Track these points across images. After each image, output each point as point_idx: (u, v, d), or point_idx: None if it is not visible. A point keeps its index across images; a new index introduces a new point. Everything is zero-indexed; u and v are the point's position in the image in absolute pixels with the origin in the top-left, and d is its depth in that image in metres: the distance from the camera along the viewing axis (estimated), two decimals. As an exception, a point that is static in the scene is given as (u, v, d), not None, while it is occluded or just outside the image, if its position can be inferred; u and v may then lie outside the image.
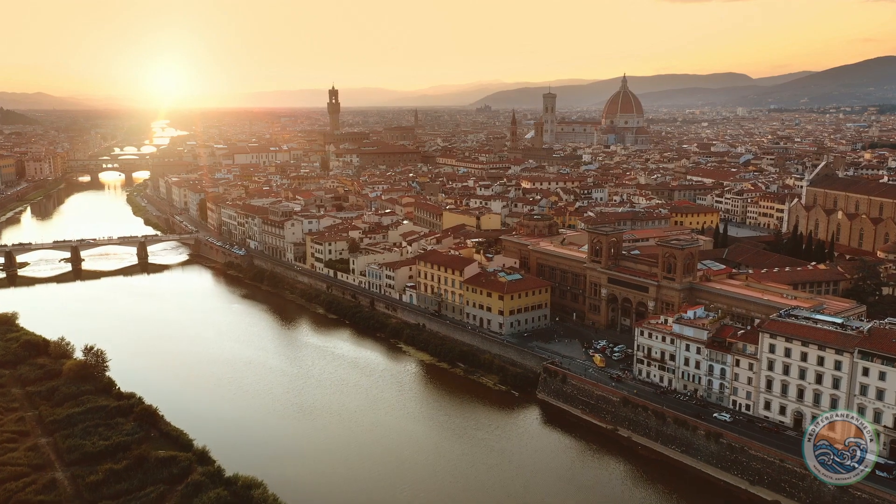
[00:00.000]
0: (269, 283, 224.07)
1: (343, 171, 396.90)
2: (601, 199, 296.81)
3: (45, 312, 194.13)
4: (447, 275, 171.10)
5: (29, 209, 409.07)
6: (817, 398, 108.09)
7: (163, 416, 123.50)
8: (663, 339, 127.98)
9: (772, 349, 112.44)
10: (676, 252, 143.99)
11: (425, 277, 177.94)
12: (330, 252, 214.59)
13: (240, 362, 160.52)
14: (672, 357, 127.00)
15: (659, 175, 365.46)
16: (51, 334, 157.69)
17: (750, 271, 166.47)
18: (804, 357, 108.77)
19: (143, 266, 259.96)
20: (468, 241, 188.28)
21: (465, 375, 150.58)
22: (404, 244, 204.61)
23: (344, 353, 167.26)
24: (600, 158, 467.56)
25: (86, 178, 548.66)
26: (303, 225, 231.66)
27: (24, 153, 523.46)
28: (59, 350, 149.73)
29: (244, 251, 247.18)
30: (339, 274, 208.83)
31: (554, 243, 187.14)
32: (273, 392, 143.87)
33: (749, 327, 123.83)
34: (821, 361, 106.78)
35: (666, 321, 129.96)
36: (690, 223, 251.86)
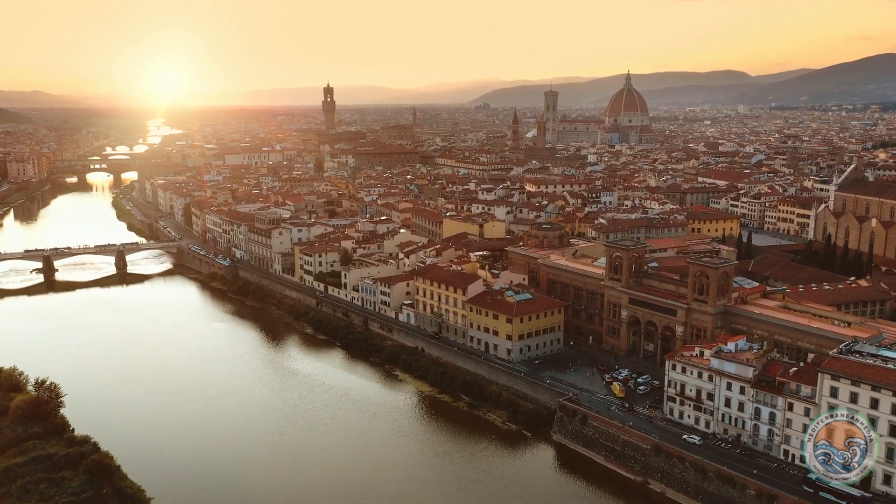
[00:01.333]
0: (255, 297, 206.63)
1: (338, 173, 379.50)
2: (610, 203, 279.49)
3: (3, 333, 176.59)
4: (448, 293, 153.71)
5: (12, 212, 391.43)
6: (891, 454, 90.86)
7: (119, 466, 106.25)
8: (699, 376, 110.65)
9: (834, 393, 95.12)
10: (710, 271, 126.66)
11: (424, 295, 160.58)
12: (320, 264, 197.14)
13: (218, 393, 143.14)
14: (710, 396, 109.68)
15: (669, 177, 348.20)
16: (4, 359, 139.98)
17: (785, 289, 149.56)
18: (875, 404, 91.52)
19: (122, 277, 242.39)
20: (471, 255, 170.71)
21: (469, 410, 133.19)
22: (401, 256, 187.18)
23: (334, 382, 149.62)
24: (606, 159, 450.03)
25: (73, 180, 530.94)
26: (291, 234, 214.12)
27: (6, 153, 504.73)
28: (11, 381, 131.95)
29: (229, 261, 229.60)
30: (329, 288, 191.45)
31: (566, 256, 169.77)
32: (254, 433, 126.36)
33: (801, 363, 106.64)
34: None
35: (702, 353, 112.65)
36: (708, 231, 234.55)
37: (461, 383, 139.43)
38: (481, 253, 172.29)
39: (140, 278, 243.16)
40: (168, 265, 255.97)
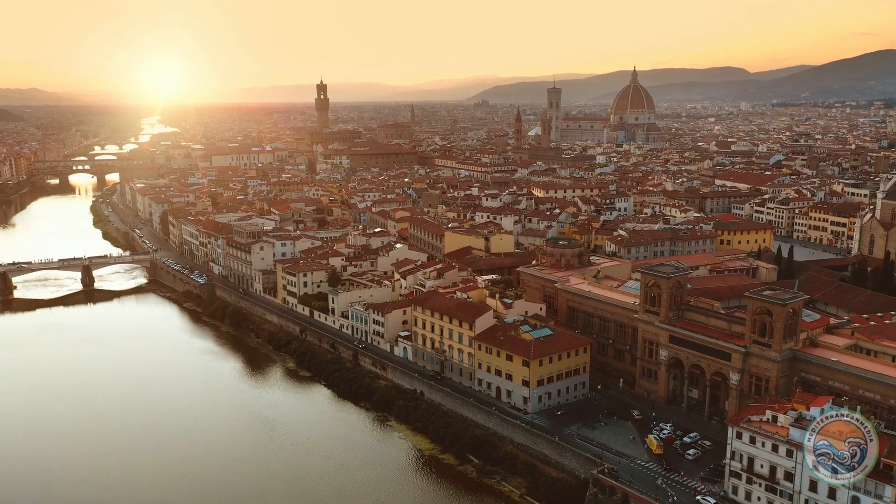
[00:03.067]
0: (232, 321, 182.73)
1: (331, 175, 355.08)
2: (626, 210, 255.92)
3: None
4: (452, 327, 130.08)
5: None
6: None
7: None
8: (774, 449, 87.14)
9: (968, 487, 71.73)
10: (775, 308, 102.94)
11: (424, 327, 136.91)
12: (305, 285, 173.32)
13: (179, 451, 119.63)
14: (789, 476, 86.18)
15: (684, 179, 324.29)
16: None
17: (847, 320, 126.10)
18: None
19: (88, 294, 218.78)
20: (478, 279, 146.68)
21: (478, 478, 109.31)
22: (397, 276, 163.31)
23: (318, 436, 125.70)
24: (615, 159, 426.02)
25: (54, 181, 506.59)
26: (274, 248, 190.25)
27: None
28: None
29: (205, 278, 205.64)
30: (316, 313, 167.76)
31: (588, 279, 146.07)
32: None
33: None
34: None
35: (775, 419, 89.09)
36: (739, 242, 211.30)
37: (469, 440, 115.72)
38: (490, 277, 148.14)
39: (109, 295, 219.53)
40: (142, 279, 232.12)
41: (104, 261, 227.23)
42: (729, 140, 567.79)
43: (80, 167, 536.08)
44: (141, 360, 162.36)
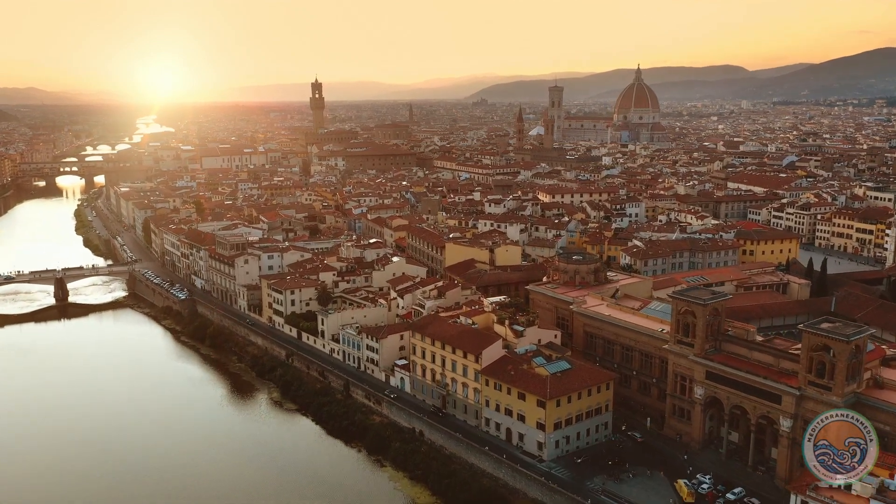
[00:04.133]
0: (213, 342, 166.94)
1: (325, 178, 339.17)
2: (637, 216, 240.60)
3: None
4: (456, 358, 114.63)
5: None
6: None
7: None
8: (850, 525, 71.89)
9: None
10: (838, 345, 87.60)
11: (423, 356, 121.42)
12: (293, 303, 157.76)
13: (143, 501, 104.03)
14: (869, 559, 70.96)
15: (695, 182, 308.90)
16: None
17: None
18: None
19: (62, 309, 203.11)
20: (485, 301, 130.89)
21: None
22: (394, 295, 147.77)
23: (304, 483, 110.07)
24: (620, 160, 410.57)
25: (41, 184, 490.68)
26: (260, 261, 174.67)
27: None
28: None
29: (186, 293, 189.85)
30: (304, 335, 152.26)
31: (606, 300, 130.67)
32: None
33: None
34: None
35: (849, 487, 73.79)
36: (763, 253, 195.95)
37: (476, 492, 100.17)
38: (498, 299, 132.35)
39: (84, 310, 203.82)
40: (120, 292, 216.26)
41: (79, 273, 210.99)
42: (736, 140, 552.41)
43: (67, 169, 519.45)
44: (108, 391, 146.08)
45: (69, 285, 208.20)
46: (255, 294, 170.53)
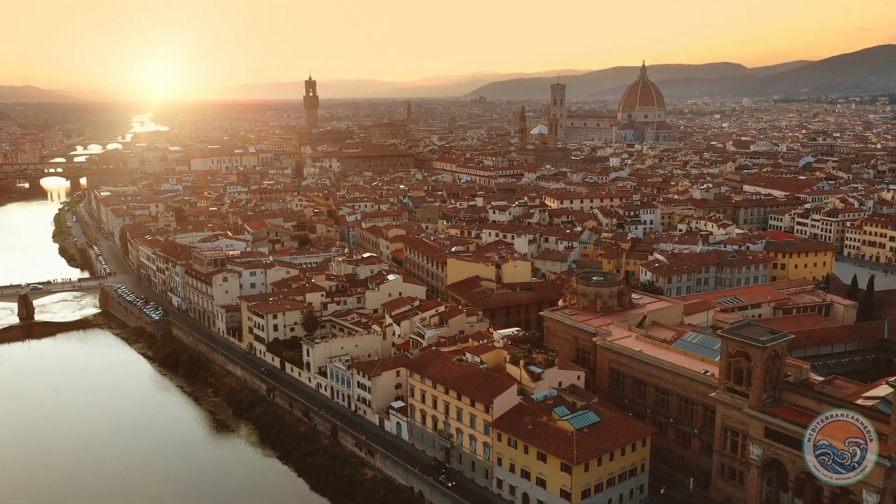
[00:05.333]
0: (187, 370, 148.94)
1: (319, 181, 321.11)
2: (653, 223, 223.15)
3: None
4: (462, 405, 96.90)
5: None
6: None
7: None
8: None
9: None
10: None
11: (423, 400, 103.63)
12: (275, 328, 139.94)
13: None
14: None
15: (710, 185, 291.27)
16: None
17: None
18: None
19: (27, 328, 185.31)
20: (495, 335, 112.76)
21: None
22: (389, 321, 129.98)
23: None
24: (628, 161, 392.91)
25: (24, 185, 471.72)
26: (241, 279, 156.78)
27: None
28: None
29: (160, 313, 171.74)
30: (287, 366, 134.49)
31: (634, 331, 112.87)
32: None
33: None
34: None
35: None
36: (796, 266, 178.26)
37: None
38: (510, 332, 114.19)
39: (50, 330, 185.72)
40: (92, 309, 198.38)
41: (46, 289, 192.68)
42: (744, 139, 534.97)
43: (52, 170, 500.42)
44: (66, 427, 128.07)
45: (35, 302, 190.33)
46: (235, 316, 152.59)
